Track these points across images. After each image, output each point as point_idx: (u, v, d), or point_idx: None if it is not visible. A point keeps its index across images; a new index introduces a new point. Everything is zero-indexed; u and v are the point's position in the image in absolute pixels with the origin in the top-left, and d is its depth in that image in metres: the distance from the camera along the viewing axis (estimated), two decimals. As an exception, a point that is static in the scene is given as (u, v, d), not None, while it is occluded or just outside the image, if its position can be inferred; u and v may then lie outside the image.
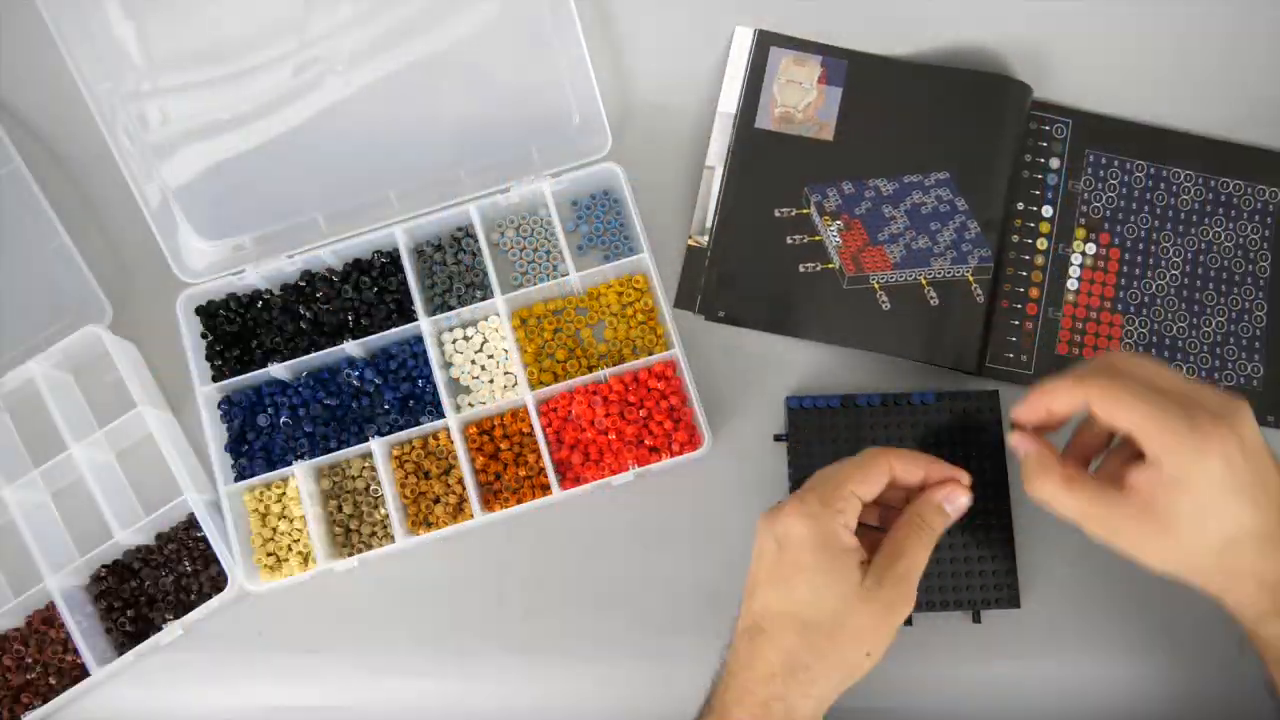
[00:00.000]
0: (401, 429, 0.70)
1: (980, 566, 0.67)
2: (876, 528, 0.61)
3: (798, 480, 0.69)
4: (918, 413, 0.69)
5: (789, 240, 0.73)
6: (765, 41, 0.75)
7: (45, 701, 0.69)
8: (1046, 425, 0.58)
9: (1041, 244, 0.73)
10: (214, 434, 0.71)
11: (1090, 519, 0.55)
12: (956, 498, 0.59)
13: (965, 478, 0.59)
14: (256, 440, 0.72)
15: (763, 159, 0.73)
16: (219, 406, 0.72)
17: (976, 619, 0.68)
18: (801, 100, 0.74)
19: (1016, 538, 0.68)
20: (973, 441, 0.69)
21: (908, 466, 0.58)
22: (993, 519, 0.68)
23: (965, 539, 0.68)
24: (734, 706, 0.56)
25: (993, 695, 0.68)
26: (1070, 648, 0.68)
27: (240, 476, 0.71)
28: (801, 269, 0.72)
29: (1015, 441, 0.58)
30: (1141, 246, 0.74)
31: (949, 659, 0.68)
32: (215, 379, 0.72)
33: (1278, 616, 0.54)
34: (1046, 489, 0.56)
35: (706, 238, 0.73)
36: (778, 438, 0.71)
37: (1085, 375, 0.55)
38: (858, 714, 0.68)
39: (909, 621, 0.68)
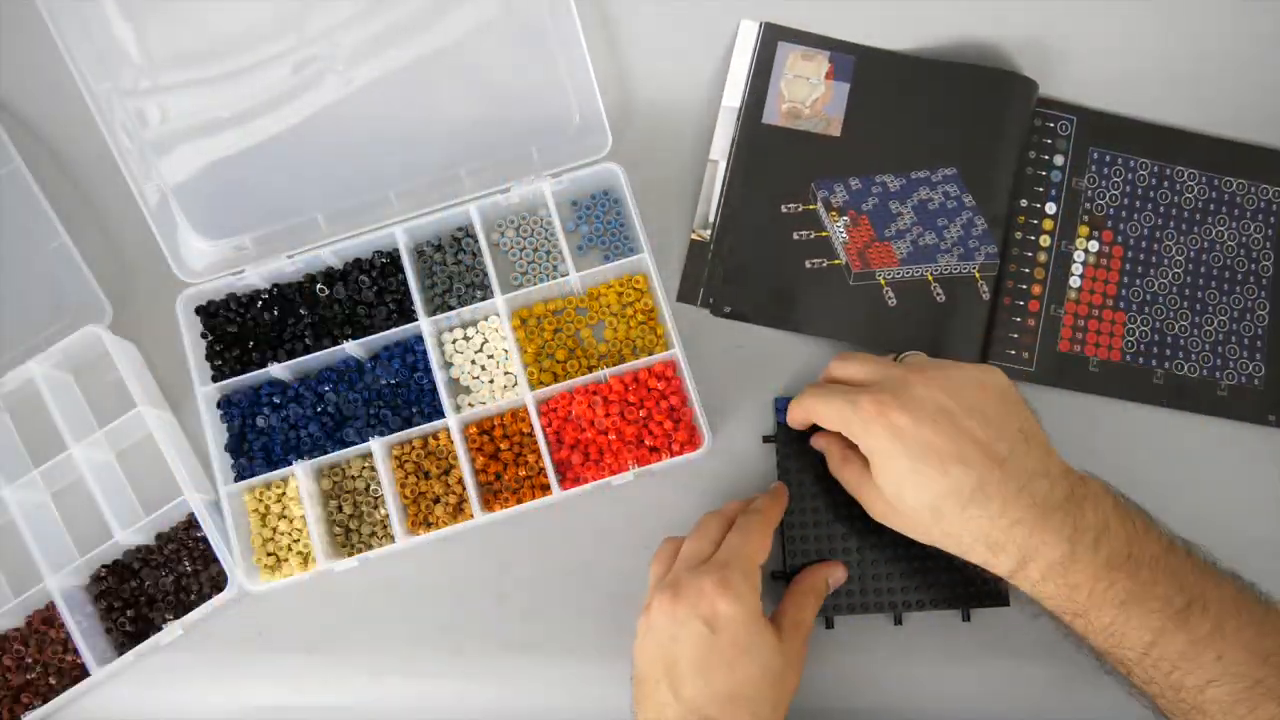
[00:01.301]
0: (401, 429, 0.70)
1: (969, 565, 0.67)
2: None
3: (786, 482, 0.69)
4: None
5: (795, 236, 0.72)
6: (772, 36, 0.74)
7: (45, 701, 0.69)
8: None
9: (1044, 241, 0.73)
10: (214, 434, 0.71)
11: (859, 496, 0.62)
12: (839, 574, 0.66)
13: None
14: (256, 440, 0.72)
15: (769, 154, 0.73)
16: (219, 406, 0.72)
17: (966, 618, 0.68)
18: (809, 95, 0.74)
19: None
20: None
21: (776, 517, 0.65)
22: None
23: None
24: None
25: (982, 694, 0.68)
26: (1058, 646, 0.68)
27: (240, 476, 0.71)
28: (808, 265, 0.72)
29: (813, 441, 0.68)
30: (1144, 244, 0.73)
31: (938, 658, 0.68)
32: (215, 379, 0.72)
33: (1023, 576, 0.56)
34: (834, 470, 0.64)
35: (710, 231, 0.73)
36: (766, 439, 0.70)
37: (802, 393, 0.63)
38: (848, 714, 0.68)
39: (899, 621, 0.68)
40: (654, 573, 0.63)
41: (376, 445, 0.69)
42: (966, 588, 0.67)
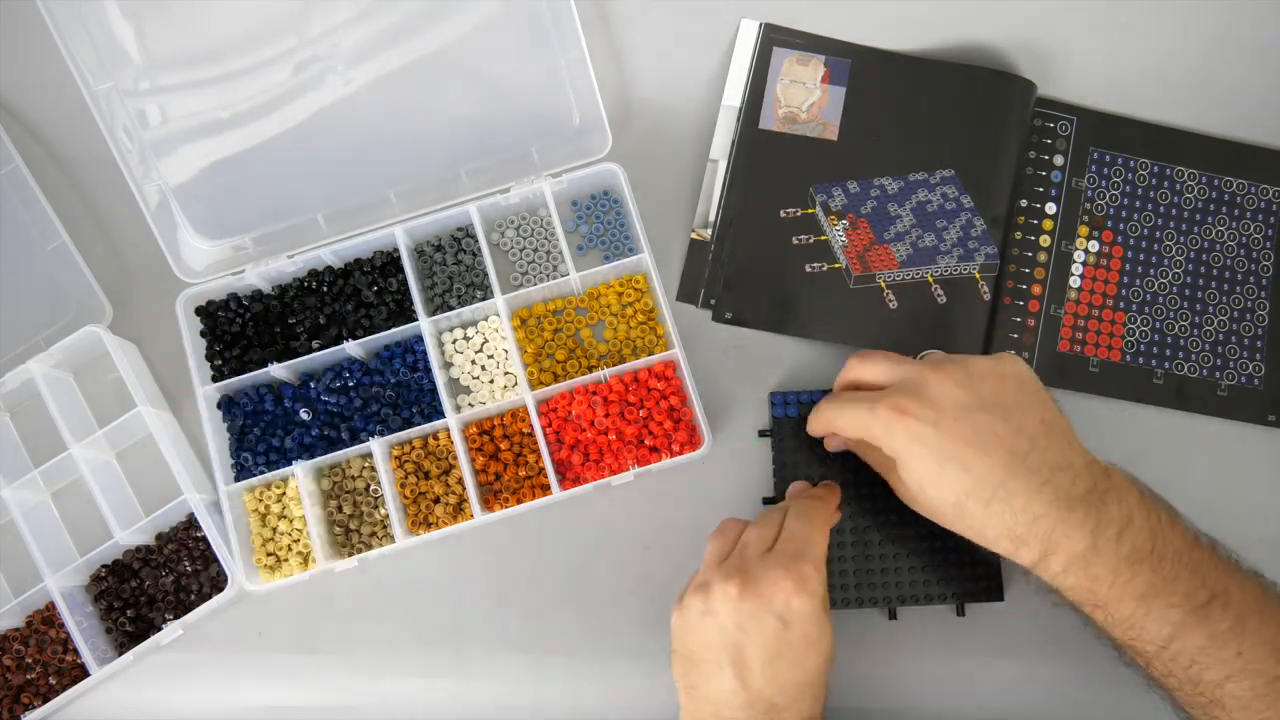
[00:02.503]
0: (401, 429, 0.70)
1: (963, 560, 0.67)
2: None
3: (781, 476, 0.69)
4: None
5: (795, 241, 0.72)
6: (769, 41, 0.74)
7: (45, 701, 0.69)
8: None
9: (1045, 241, 0.73)
10: (214, 434, 0.71)
11: (891, 484, 0.62)
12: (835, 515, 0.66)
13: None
14: (256, 440, 0.72)
15: (767, 160, 0.73)
16: (219, 406, 0.72)
17: (960, 612, 0.68)
18: (805, 100, 0.74)
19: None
20: None
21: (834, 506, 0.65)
22: None
23: (949, 533, 0.67)
24: None
25: (976, 688, 0.68)
26: (1053, 640, 0.68)
27: (240, 476, 0.71)
28: (808, 269, 0.72)
29: (829, 447, 0.67)
30: (1144, 245, 0.73)
31: (933, 653, 0.69)
32: (215, 379, 0.72)
33: (1044, 568, 0.56)
34: (862, 456, 0.65)
35: (710, 231, 0.73)
36: (763, 433, 0.71)
37: (820, 408, 0.63)
38: (842, 712, 0.68)
39: (893, 615, 0.68)
40: (713, 550, 0.61)
41: (376, 445, 0.69)
42: (961, 583, 0.67)
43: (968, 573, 0.67)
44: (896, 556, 0.68)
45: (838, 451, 0.68)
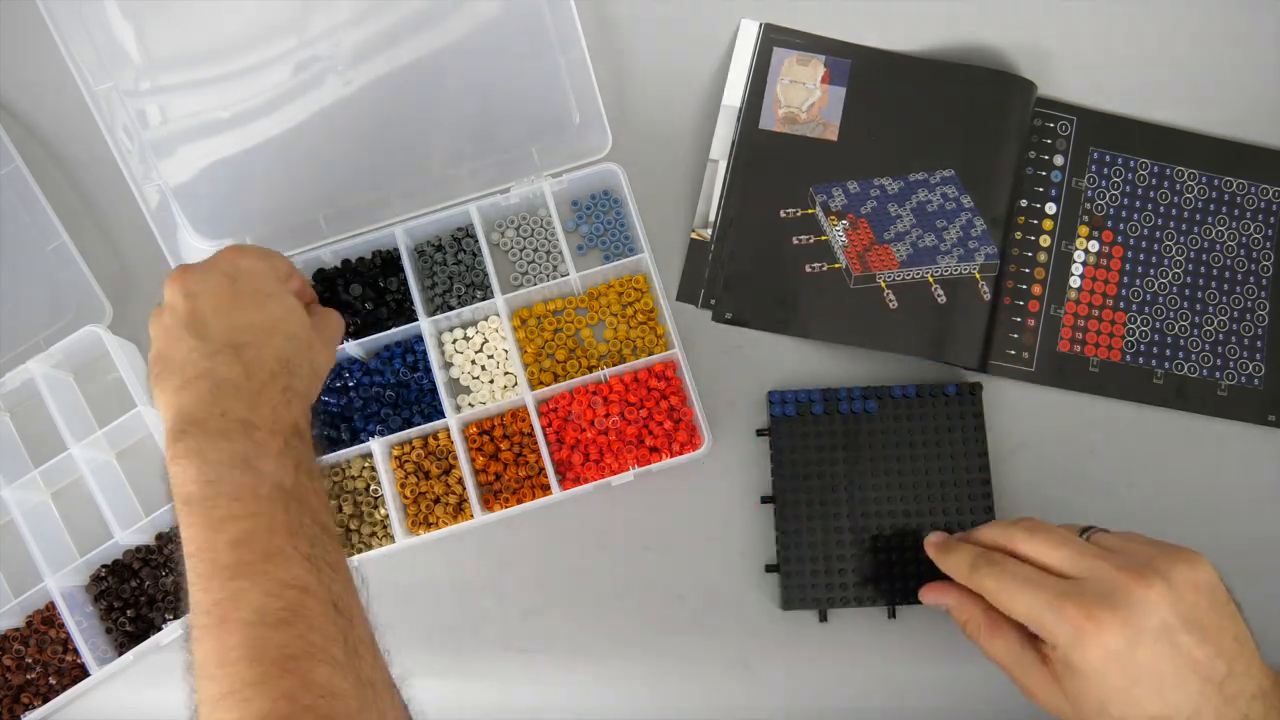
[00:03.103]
0: (401, 429, 0.70)
1: None
2: None
3: (780, 475, 0.69)
4: (899, 405, 0.69)
5: (795, 241, 0.72)
6: (769, 41, 0.74)
7: (45, 701, 0.69)
8: None
9: (1045, 241, 0.73)
10: (214, 434, 0.71)
11: (1011, 674, 0.57)
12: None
13: None
14: (256, 440, 0.71)
15: (767, 160, 0.73)
16: (219, 406, 0.72)
17: None
18: (805, 100, 0.74)
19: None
20: (955, 433, 0.69)
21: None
22: (974, 510, 0.68)
23: (950, 532, 0.68)
24: (251, 411, 0.53)
25: (977, 687, 0.68)
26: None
27: (240, 476, 0.71)
28: (808, 269, 0.72)
29: (930, 598, 0.63)
30: (1144, 245, 0.73)
31: (932, 652, 0.69)
32: (215, 379, 0.72)
33: None
34: (973, 634, 0.59)
35: (710, 231, 0.73)
36: (760, 432, 0.71)
37: (978, 563, 0.57)
38: (843, 712, 0.68)
39: (893, 615, 0.68)
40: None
41: (376, 445, 0.69)
42: None
43: None
44: (896, 556, 0.68)
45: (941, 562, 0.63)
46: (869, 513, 0.68)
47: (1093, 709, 0.52)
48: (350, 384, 0.72)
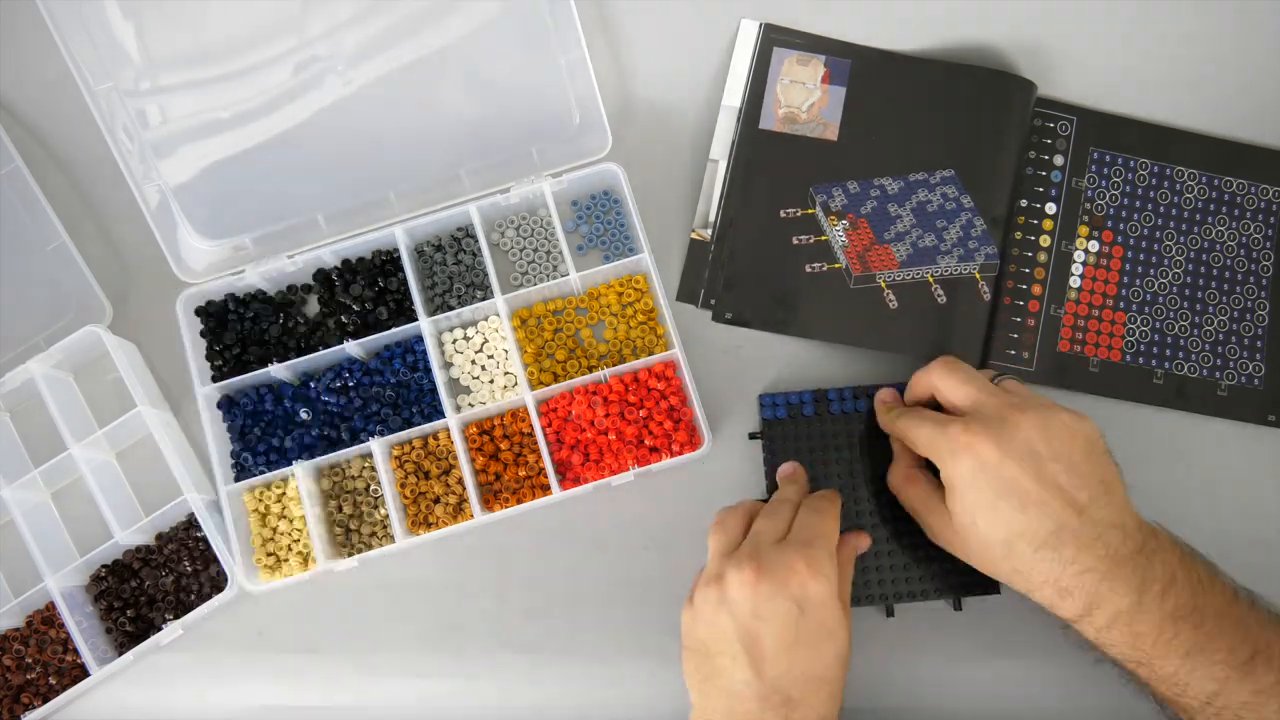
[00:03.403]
0: (401, 429, 0.70)
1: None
2: None
3: (773, 479, 0.69)
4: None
5: (795, 241, 0.72)
6: (769, 41, 0.74)
7: (45, 701, 0.69)
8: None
9: (1045, 241, 0.73)
10: (214, 434, 0.71)
11: (922, 519, 0.63)
12: (864, 544, 0.66)
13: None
14: (256, 440, 0.72)
15: (767, 160, 0.73)
16: (219, 406, 0.72)
17: (957, 606, 0.68)
18: (805, 101, 0.74)
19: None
20: None
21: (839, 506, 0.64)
22: None
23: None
24: None
25: (976, 682, 0.68)
26: (1051, 632, 0.68)
27: (240, 476, 0.71)
28: (808, 269, 0.72)
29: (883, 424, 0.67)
30: (1144, 245, 0.73)
31: (931, 648, 0.69)
32: (215, 379, 0.72)
33: (1088, 622, 0.57)
34: (895, 486, 0.65)
35: (710, 231, 0.73)
36: (753, 435, 0.71)
37: (897, 410, 0.64)
38: (842, 711, 0.68)
39: (890, 613, 0.68)
40: (717, 543, 0.60)
41: (376, 445, 0.69)
42: (957, 576, 0.67)
43: (963, 566, 0.67)
44: (892, 554, 0.68)
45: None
46: (863, 512, 0.68)
47: (966, 523, 0.58)
48: (350, 384, 0.72)
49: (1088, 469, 0.57)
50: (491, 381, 0.72)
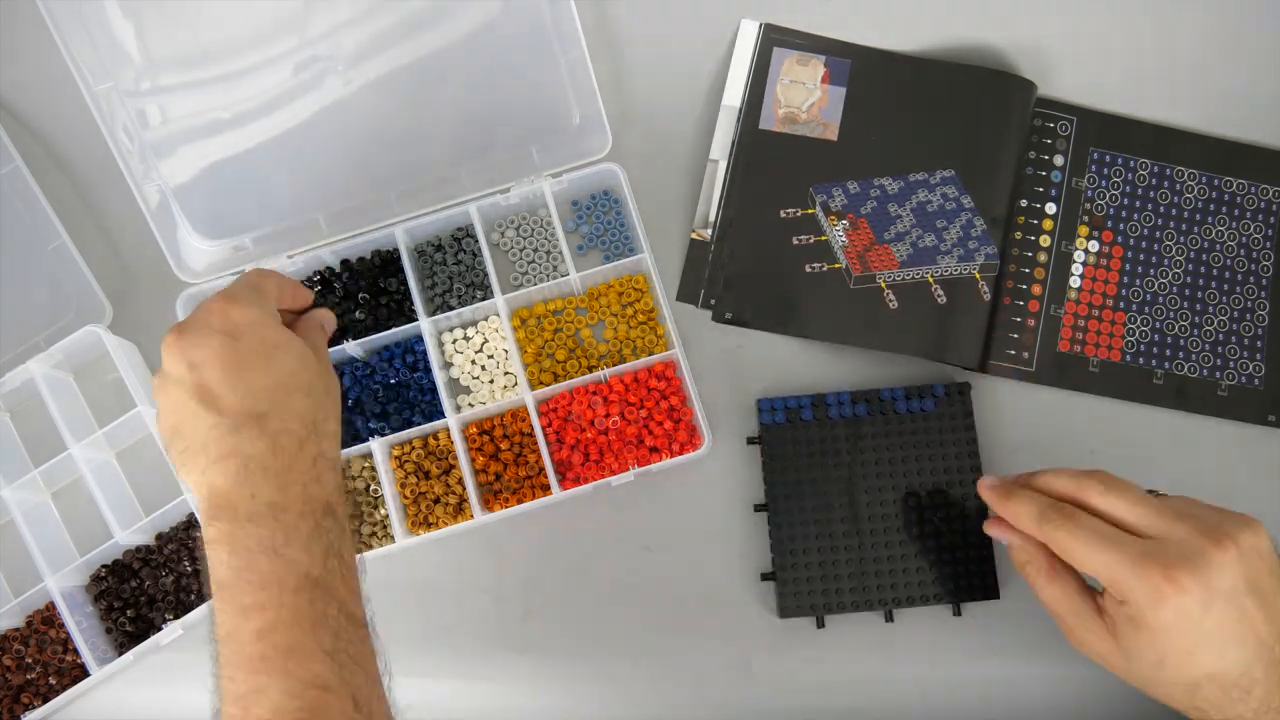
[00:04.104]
0: (401, 429, 0.70)
1: (958, 559, 0.67)
2: None
3: (771, 483, 0.69)
4: (888, 408, 0.69)
5: (795, 241, 0.72)
6: (769, 41, 0.74)
7: (45, 701, 0.69)
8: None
9: (1045, 241, 0.73)
10: (214, 434, 0.71)
11: (1063, 621, 0.57)
12: (329, 316, 0.63)
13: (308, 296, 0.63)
14: (256, 440, 0.71)
15: (767, 160, 0.73)
16: (219, 406, 0.72)
17: (956, 612, 0.68)
18: (805, 100, 0.74)
19: (993, 530, 0.68)
20: (945, 434, 0.69)
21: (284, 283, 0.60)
22: (969, 511, 0.68)
23: (943, 532, 0.68)
24: (281, 493, 0.52)
25: (974, 687, 0.68)
26: (1050, 638, 0.68)
27: (240, 476, 0.71)
28: (808, 269, 0.72)
29: (992, 532, 0.61)
30: (1144, 245, 0.73)
31: (930, 653, 0.69)
32: (215, 379, 0.72)
33: None
34: (1027, 569, 0.59)
35: (710, 231, 0.73)
36: (751, 440, 0.70)
37: (1049, 514, 0.56)
38: (838, 712, 0.68)
39: (890, 618, 0.68)
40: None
41: (376, 445, 0.69)
42: (956, 582, 0.67)
43: (962, 571, 0.68)
44: (891, 559, 0.68)
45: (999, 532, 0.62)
46: (862, 517, 0.68)
47: (1150, 663, 0.53)
48: (350, 384, 0.72)
49: (1274, 593, 0.53)
50: (491, 381, 0.72)
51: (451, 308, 0.72)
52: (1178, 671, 0.53)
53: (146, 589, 0.71)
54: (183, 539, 0.71)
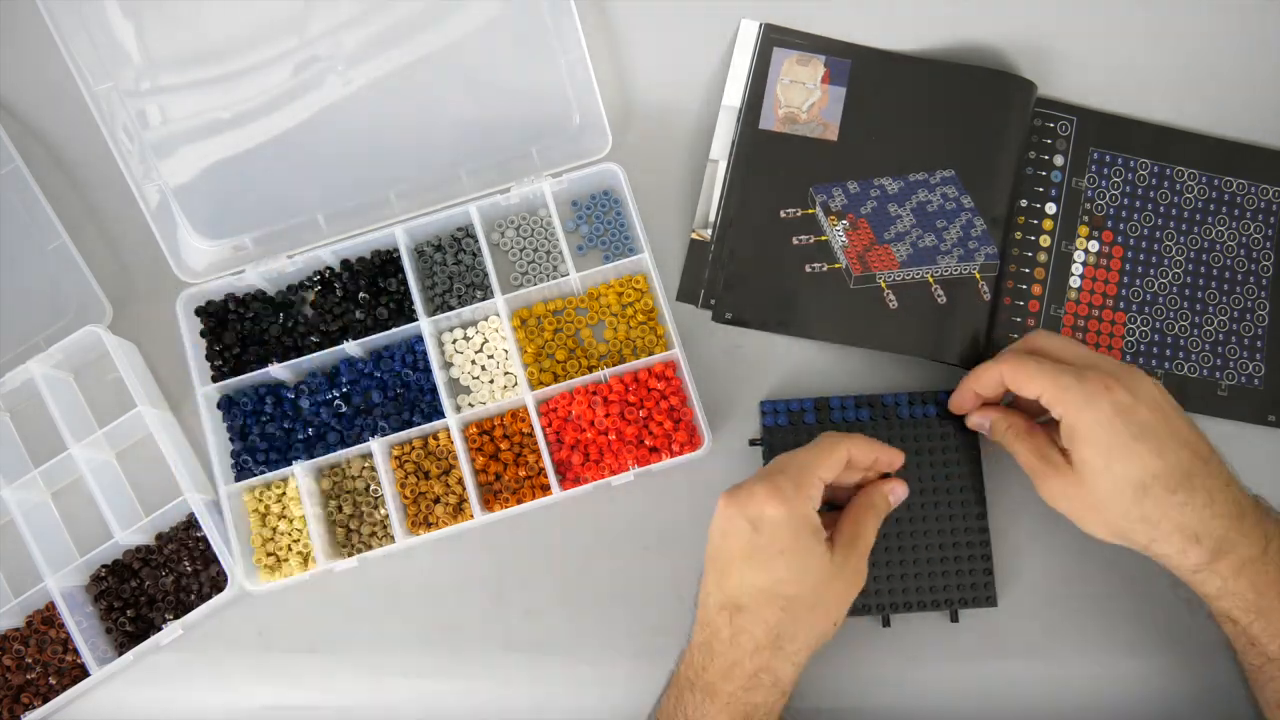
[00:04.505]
0: (401, 429, 0.70)
1: (957, 566, 0.68)
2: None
3: None
4: (890, 412, 0.69)
5: (795, 241, 0.72)
6: (769, 41, 0.74)
7: (45, 701, 0.69)
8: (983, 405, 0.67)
9: (1045, 241, 0.73)
10: (214, 434, 0.71)
11: (1035, 471, 0.62)
12: (899, 491, 0.65)
13: (901, 458, 0.65)
14: (256, 440, 0.72)
15: (767, 160, 0.73)
16: (219, 406, 0.72)
17: (954, 619, 0.68)
18: (805, 101, 0.74)
19: (993, 537, 0.68)
20: (948, 439, 0.69)
21: (862, 451, 0.63)
22: (969, 518, 0.68)
23: (942, 539, 0.68)
24: (722, 681, 0.58)
25: (971, 694, 0.68)
26: (1048, 645, 0.68)
27: (240, 476, 0.71)
28: (808, 269, 0.72)
29: (973, 421, 0.67)
30: (1144, 245, 0.73)
31: (927, 659, 0.69)
32: (215, 379, 0.72)
33: (1213, 570, 0.58)
34: (1006, 435, 0.64)
35: (710, 231, 0.73)
36: (753, 442, 0.70)
37: (1001, 355, 0.63)
38: (837, 714, 0.68)
39: (887, 623, 0.68)
40: None
41: (376, 445, 0.69)
42: (955, 589, 0.67)
43: (961, 579, 0.67)
44: (889, 564, 0.68)
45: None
46: None
47: (1099, 468, 0.58)
48: (350, 384, 0.72)
49: (1198, 430, 0.60)
50: (491, 381, 0.72)
51: (451, 308, 0.72)
52: (1124, 471, 0.57)
53: (146, 589, 0.71)
54: (183, 539, 0.71)
